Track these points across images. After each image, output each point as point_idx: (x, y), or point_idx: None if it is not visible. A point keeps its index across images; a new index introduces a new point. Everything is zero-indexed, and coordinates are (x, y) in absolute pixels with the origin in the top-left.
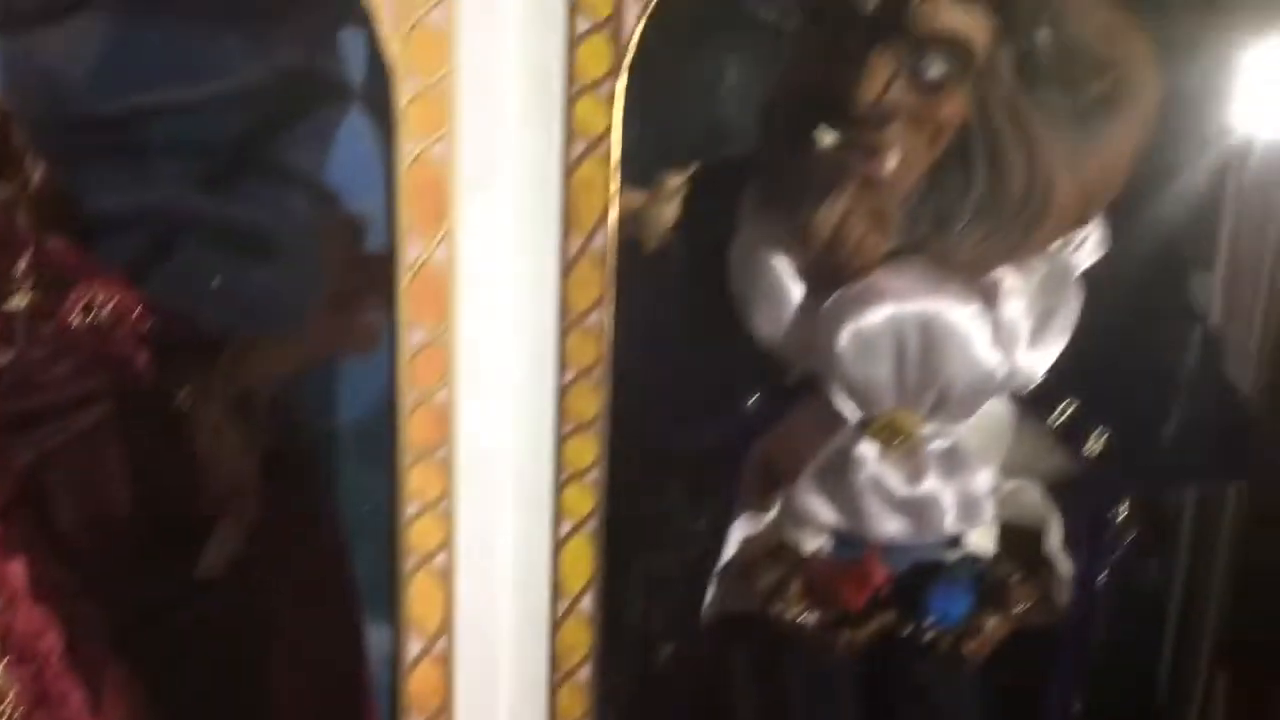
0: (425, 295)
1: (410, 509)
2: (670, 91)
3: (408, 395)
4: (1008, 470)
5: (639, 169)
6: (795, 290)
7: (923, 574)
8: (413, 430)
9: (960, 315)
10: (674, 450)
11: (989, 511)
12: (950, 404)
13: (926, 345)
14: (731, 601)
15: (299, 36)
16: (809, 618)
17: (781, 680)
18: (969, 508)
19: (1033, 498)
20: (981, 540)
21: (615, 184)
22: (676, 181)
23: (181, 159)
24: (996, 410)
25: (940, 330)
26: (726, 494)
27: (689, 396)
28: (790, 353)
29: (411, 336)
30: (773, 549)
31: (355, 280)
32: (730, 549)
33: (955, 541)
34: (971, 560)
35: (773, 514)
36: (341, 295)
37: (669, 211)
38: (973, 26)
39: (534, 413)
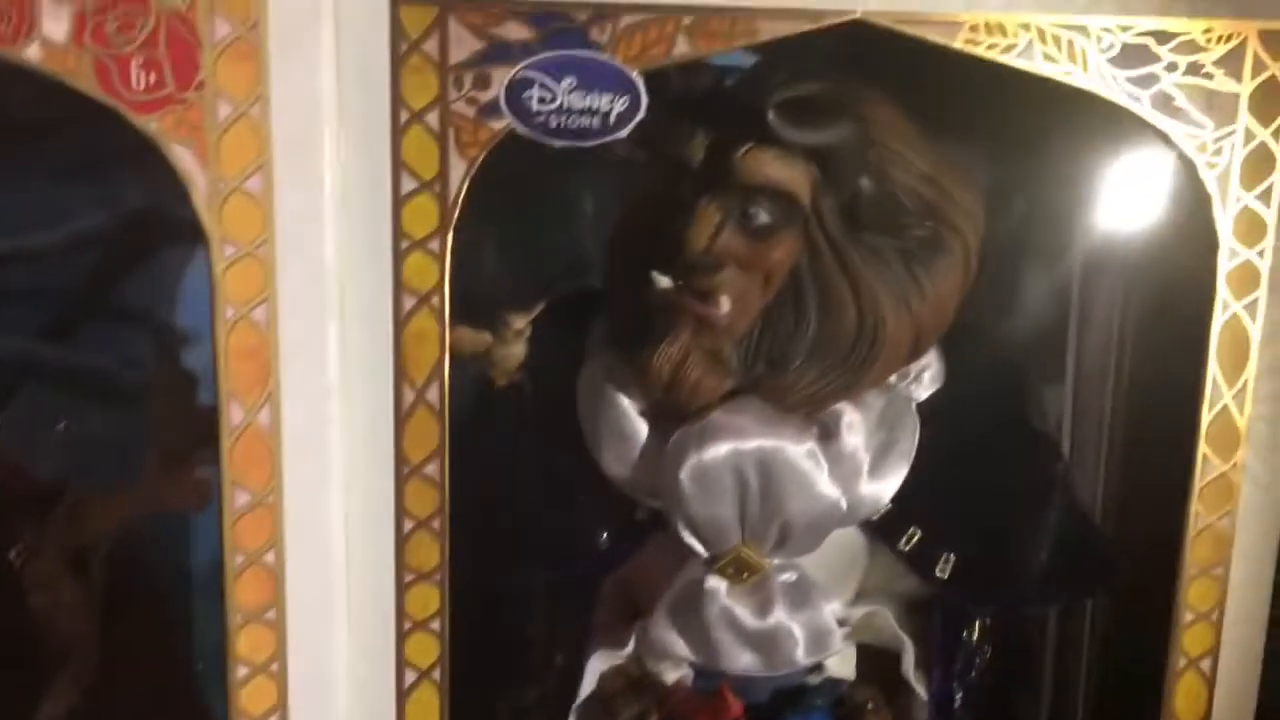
0: (250, 457)
1: (240, 671)
2: (513, 233)
3: (234, 557)
4: (862, 595)
5: (483, 310)
6: (640, 428)
7: (783, 701)
8: (240, 592)
9: (797, 452)
10: (527, 588)
11: (838, 641)
12: (794, 539)
13: (766, 482)
14: None
15: (141, 179)
16: None
17: None
18: (818, 638)
19: (887, 622)
20: (840, 666)
21: (448, 335)
22: (521, 323)
23: (23, 306)
24: (847, 539)
25: (779, 467)
26: (582, 629)
27: (539, 535)
28: (638, 490)
29: (237, 498)
30: (633, 681)
31: (187, 436)
32: (589, 683)
33: (816, 667)
34: (831, 685)
35: (630, 648)
36: (174, 451)
37: (517, 350)
38: (795, 178)
39: (373, 565)
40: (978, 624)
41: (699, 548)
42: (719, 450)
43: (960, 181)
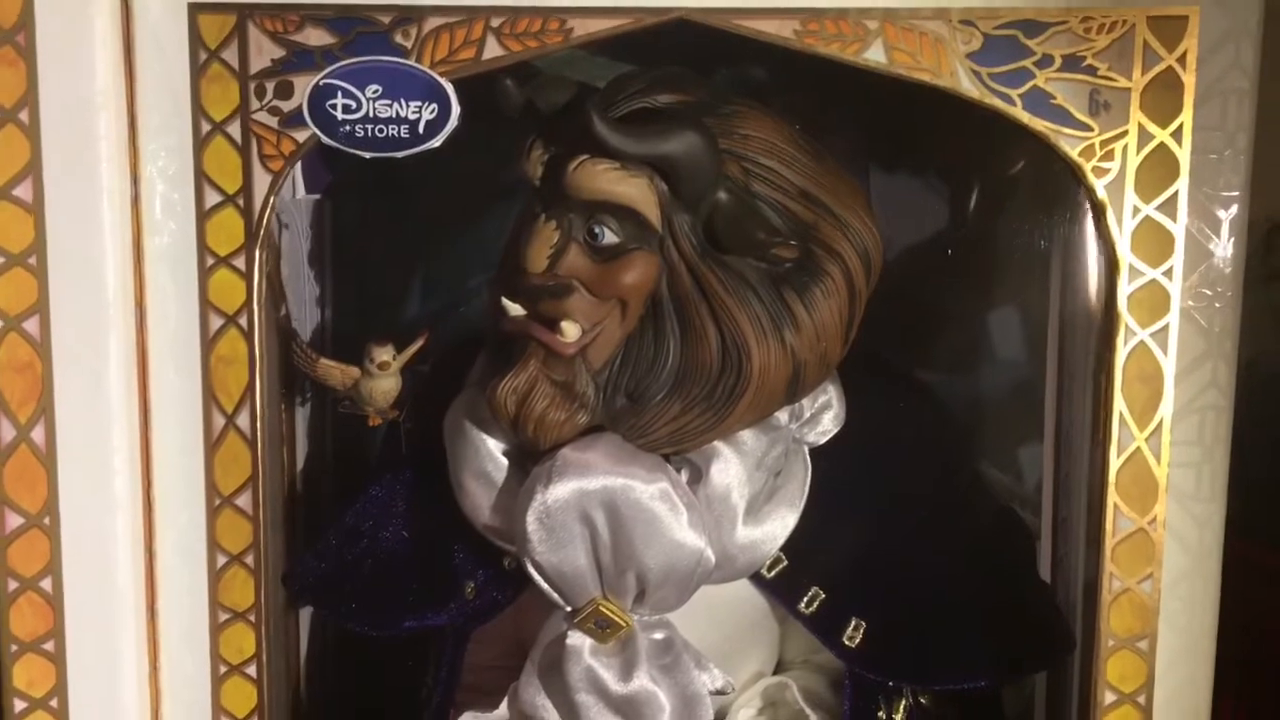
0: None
1: (19, 705)
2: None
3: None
4: (783, 666)
5: (351, 344)
6: (499, 469)
7: None
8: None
9: (647, 492)
10: (385, 639)
11: (709, 715)
12: (653, 591)
13: (615, 526)
14: None
15: None
16: None
17: None
18: (688, 707)
19: (792, 695)
20: None
21: (262, 358)
22: (385, 355)
23: None
24: (744, 598)
25: (627, 509)
26: (444, 688)
27: (403, 582)
28: (500, 536)
29: (9, 520)
30: None
31: None
32: None
33: None
34: None
35: (501, 711)
36: None
37: (386, 385)
38: (636, 194)
39: (188, 602)
40: (901, 702)
41: (558, 599)
42: (563, 490)
43: (844, 199)
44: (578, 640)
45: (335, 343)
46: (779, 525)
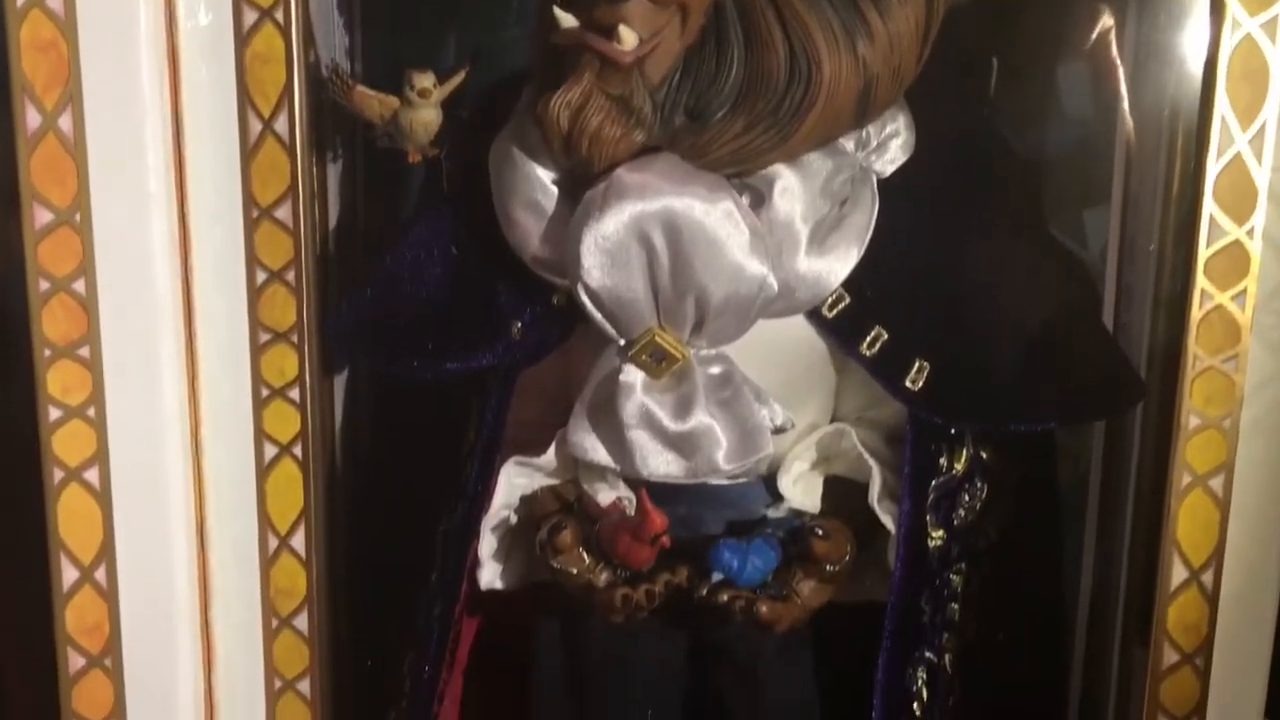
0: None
1: (54, 413)
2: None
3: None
4: (824, 412)
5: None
6: (549, 195)
7: (736, 533)
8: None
9: (709, 212)
10: (431, 382)
11: (768, 442)
12: (713, 319)
13: (675, 249)
14: (512, 563)
15: None
16: (597, 578)
17: (575, 652)
18: (745, 439)
19: (852, 443)
20: (805, 498)
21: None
22: (426, 82)
23: None
24: (803, 342)
25: (689, 230)
26: (491, 431)
27: (446, 324)
28: (549, 269)
29: (39, 216)
30: (565, 505)
31: None
32: (503, 494)
33: (776, 499)
34: (792, 518)
35: (549, 456)
36: None
37: (426, 116)
38: None
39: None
40: (963, 452)
41: (610, 331)
42: (621, 212)
43: None
44: (631, 376)
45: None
46: (843, 258)
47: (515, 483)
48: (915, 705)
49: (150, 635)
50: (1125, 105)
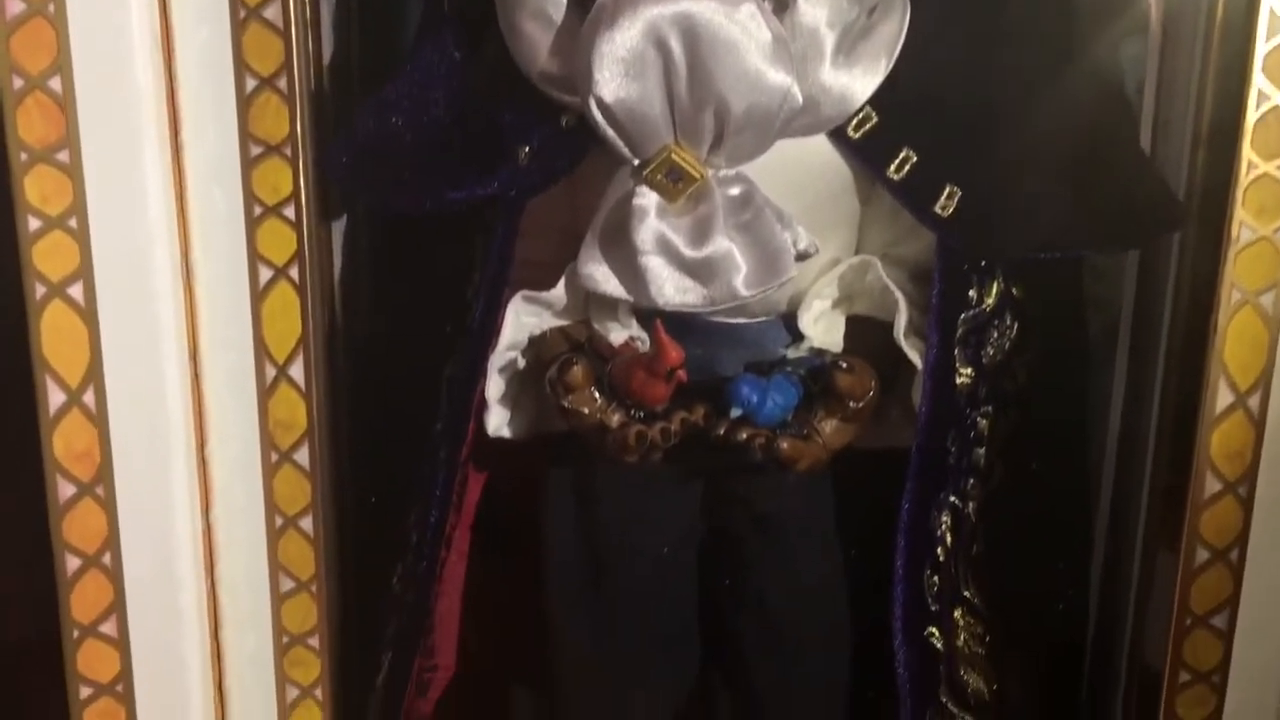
0: None
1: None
2: None
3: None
4: (847, 246)
5: None
6: (557, 8)
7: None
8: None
9: (730, 16)
10: (433, 215)
11: (790, 264)
12: (731, 133)
13: (693, 56)
14: (521, 410)
15: None
16: (609, 418)
17: (587, 503)
18: (768, 263)
19: (876, 276)
20: (826, 336)
21: None
22: None
23: None
24: (826, 165)
25: (708, 35)
26: (497, 273)
27: (449, 151)
28: (558, 85)
29: (10, 6)
30: (572, 345)
31: None
32: (510, 330)
33: (797, 339)
34: (812, 356)
35: (558, 291)
36: None
37: None
38: None
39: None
40: (994, 285)
41: (623, 150)
42: (636, 18)
43: None
44: (646, 199)
45: None
46: (871, 70)
47: (523, 321)
48: (939, 550)
49: (143, 465)
50: None
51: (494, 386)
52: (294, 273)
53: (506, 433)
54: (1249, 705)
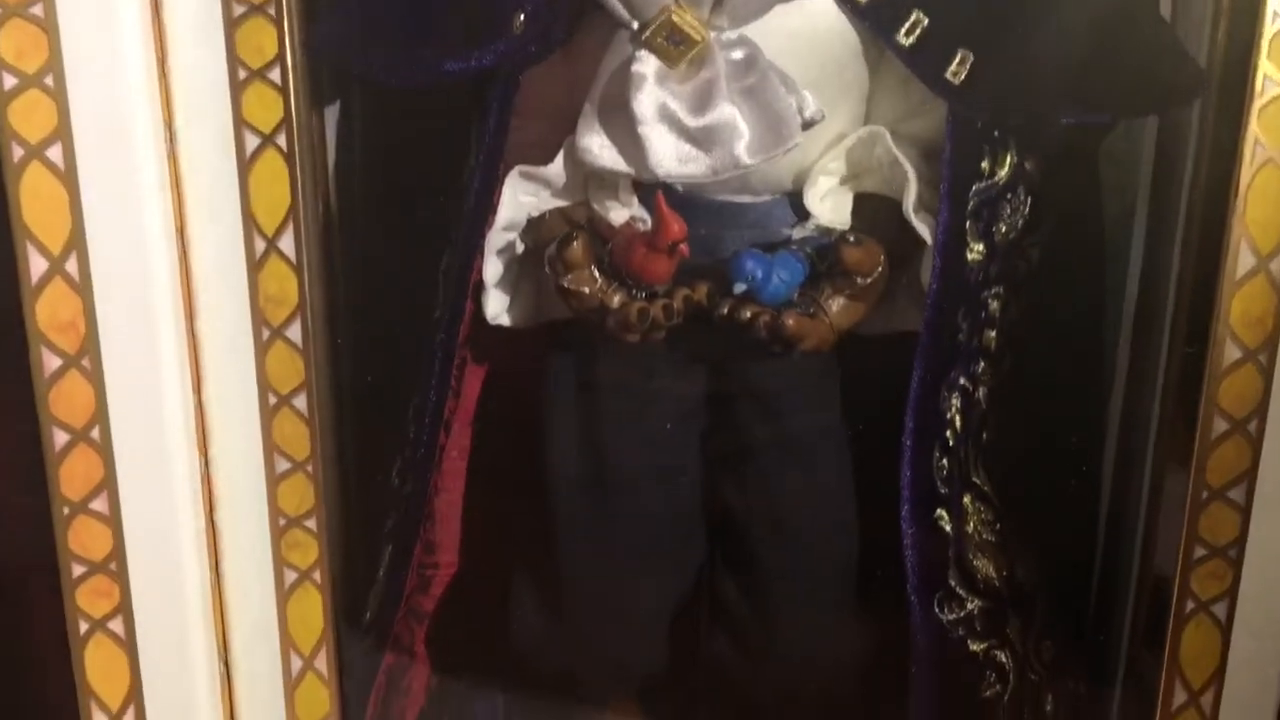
0: None
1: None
2: None
3: None
4: (855, 120)
5: None
6: None
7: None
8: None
9: None
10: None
11: (795, 131)
12: None
13: None
14: (520, 297)
15: None
16: (609, 298)
17: (588, 391)
18: (772, 129)
19: (885, 148)
20: (834, 214)
21: None
22: None
23: None
24: (833, 32)
25: None
26: (494, 143)
27: (442, 20)
28: None
29: None
30: (571, 226)
31: None
32: (505, 213)
33: (804, 218)
34: (818, 235)
35: (556, 166)
36: None
37: None
38: None
39: None
40: (1006, 157)
41: (621, 12)
42: None
43: None
44: (645, 65)
45: None
46: None
47: (521, 200)
48: (948, 433)
49: (130, 336)
50: None
51: (492, 269)
52: (281, 140)
53: (506, 320)
54: (1266, 580)
